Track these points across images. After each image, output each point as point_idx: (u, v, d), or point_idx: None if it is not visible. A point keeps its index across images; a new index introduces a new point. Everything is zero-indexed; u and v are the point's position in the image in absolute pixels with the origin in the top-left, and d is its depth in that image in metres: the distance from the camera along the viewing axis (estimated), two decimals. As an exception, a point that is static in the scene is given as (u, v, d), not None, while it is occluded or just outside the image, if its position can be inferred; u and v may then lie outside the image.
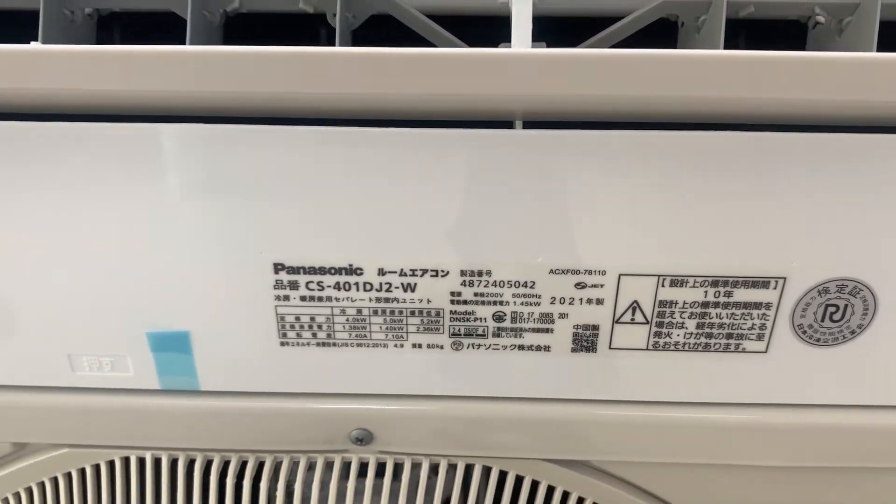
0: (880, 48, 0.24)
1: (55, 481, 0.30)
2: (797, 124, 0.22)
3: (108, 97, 0.20)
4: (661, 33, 0.26)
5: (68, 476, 0.30)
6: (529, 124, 0.23)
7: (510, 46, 0.24)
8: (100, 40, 0.27)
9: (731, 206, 0.23)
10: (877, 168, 0.22)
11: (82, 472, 0.29)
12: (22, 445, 0.29)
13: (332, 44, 0.24)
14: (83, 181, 0.23)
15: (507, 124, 0.23)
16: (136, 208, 0.24)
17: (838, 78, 0.19)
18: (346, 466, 0.28)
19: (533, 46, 0.24)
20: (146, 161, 0.22)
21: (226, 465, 0.29)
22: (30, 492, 0.30)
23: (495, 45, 0.25)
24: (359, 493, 0.28)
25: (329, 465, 0.28)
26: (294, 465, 0.28)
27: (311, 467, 0.28)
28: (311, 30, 0.27)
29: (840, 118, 0.21)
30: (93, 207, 0.24)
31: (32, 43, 0.22)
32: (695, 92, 0.20)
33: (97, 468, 0.29)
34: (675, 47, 0.26)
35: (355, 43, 0.25)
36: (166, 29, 0.25)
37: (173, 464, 0.29)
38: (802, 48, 0.26)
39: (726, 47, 0.24)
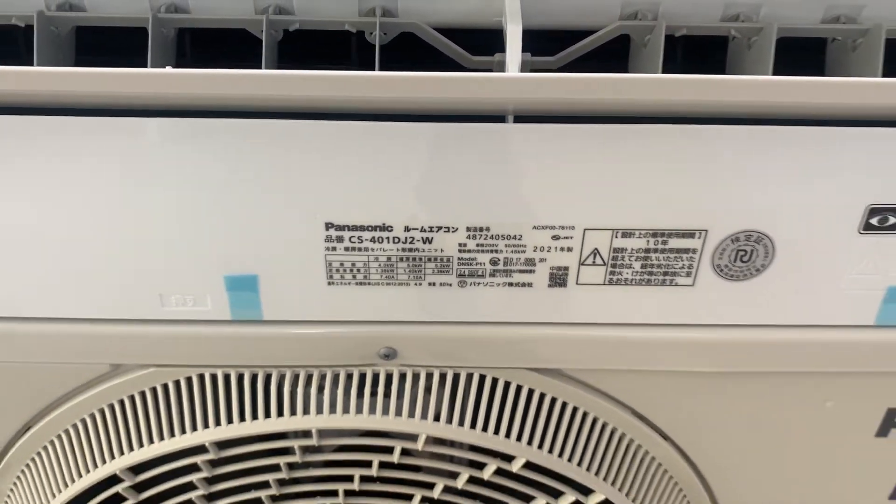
0: (781, 59, 0.32)
1: (143, 395, 0.38)
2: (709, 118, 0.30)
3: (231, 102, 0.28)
4: (621, 47, 0.34)
5: (153, 390, 0.37)
6: (517, 119, 0.30)
7: (504, 56, 0.31)
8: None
9: (665, 179, 0.31)
10: (768, 151, 0.30)
11: (165, 386, 0.37)
12: (117, 366, 0.37)
13: (367, 55, 0.31)
14: (182, 162, 0.30)
15: (501, 118, 0.31)
16: (223, 182, 0.31)
17: (726, 92, 0.27)
18: (375, 377, 0.37)
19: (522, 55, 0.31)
20: (239, 153, 0.30)
21: (282, 378, 0.37)
22: (122, 403, 0.38)
23: (495, 52, 0.32)
24: (386, 398, 0.37)
25: (362, 377, 0.37)
26: (335, 377, 0.37)
27: (349, 378, 0.37)
28: (344, 43, 0.34)
29: (737, 114, 0.29)
30: (188, 180, 0.31)
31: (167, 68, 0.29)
32: (625, 97, 0.28)
33: (177, 384, 0.37)
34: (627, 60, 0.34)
35: (383, 52, 0.32)
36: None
37: (240, 378, 0.37)
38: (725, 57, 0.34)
39: (667, 58, 0.31)
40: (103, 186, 0.31)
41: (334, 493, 0.40)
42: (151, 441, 0.37)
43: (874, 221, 0.33)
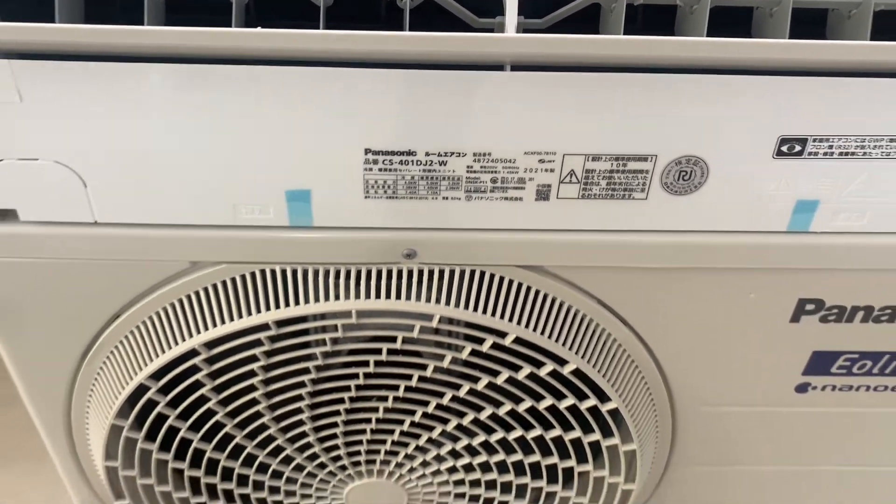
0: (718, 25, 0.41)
1: (215, 286, 0.47)
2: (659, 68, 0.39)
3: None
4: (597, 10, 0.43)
5: (224, 283, 0.47)
6: (514, 68, 0.40)
7: (504, 19, 0.40)
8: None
9: (625, 115, 0.41)
10: (701, 96, 0.40)
11: (233, 280, 0.47)
12: (195, 263, 0.47)
13: (395, 15, 0.40)
14: (258, 104, 0.40)
15: (500, 67, 0.40)
16: (287, 118, 0.40)
17: (657, 48, 0.37)
18: (399, 272, 0.47)
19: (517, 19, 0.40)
20: (301, 96, 0.39)
21: (327, 272, 0.47)
22: (198, 294, 0.48)
23: (496, 14, 0.41)
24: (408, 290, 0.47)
25: (389, 272, 0.47)
26: (368, 272, 0.47)
27: (379, 272, 0.47)
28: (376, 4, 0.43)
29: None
30: (261, 118, 0.40)
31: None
32: (591, 52, 0.37)
33: (244, 277, 0.47)
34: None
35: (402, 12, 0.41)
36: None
37: (294, 273, 0.47)
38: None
39: (631, 21, 0.41)
40: (199, 123, 0.40)
41: (356, 377, 0.50)
42: (223, 322, 0.47)
43: (784, 149, 0.43)
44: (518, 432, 0.53)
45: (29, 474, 0.98)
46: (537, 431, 0.53)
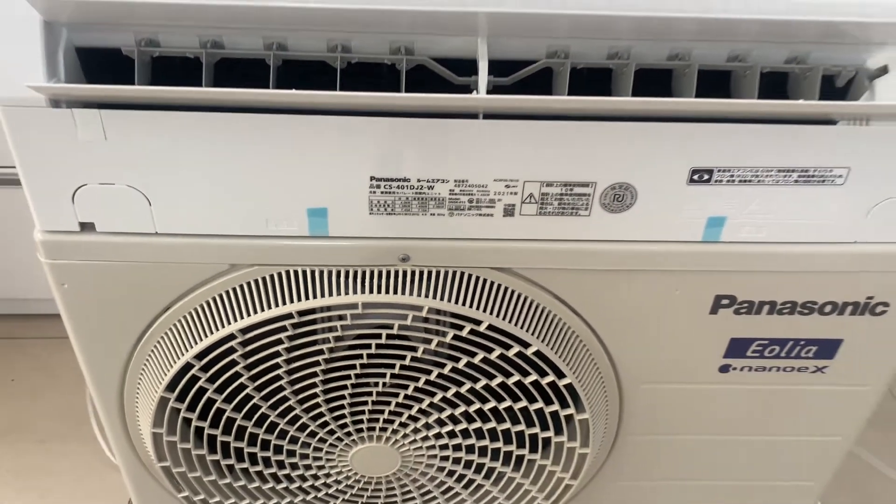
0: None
1: (249, 284, 0.59)
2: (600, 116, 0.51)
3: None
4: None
5: (256, 281, 0.59)
6: (485, 116, 0.52)
7: (478, 78, 0.52)
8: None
9: (570, 152, 0.53)
10: (627, 139, 0.52)
11: (264, 278, 0.59)
12: (234, 265, 0.59)
13: (396, 79, 0.52)
14: (289, 144, 0.51)
15: (474, 116, 0.52)
16: (309, 154, 0.52)
17: (578, 104, 0.49)
18: (396, 273, 0.59)
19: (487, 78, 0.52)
20: (321, 138, 0.51)
21: (338, 273, 0.58)
22: (235, 290, 0.59)
23: (473, 74, 0.53)
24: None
25: (388, 273, 0.59)
26: (371, 273, 0.59)
27: (380, 273, 0.59)
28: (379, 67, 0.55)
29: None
30: (289, 153, 0.52)
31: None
32: (541, 107, 0.49)
33: (272, 276, 0.59)
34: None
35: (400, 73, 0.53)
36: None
37: (312, 273, 0.58)
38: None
39: (577, 81, 0.53)
40: (240, 157, 0.52)
41: (360, 357, 0.62)
42: (255, 312, 0.59)
43: (695, 177, 0.55)
44: (492, 404, 0.65)
45: (57, 455, 1.10)
46: (507, 403, 0.65)
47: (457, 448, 0.70)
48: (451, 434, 0.69)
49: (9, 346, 1.22)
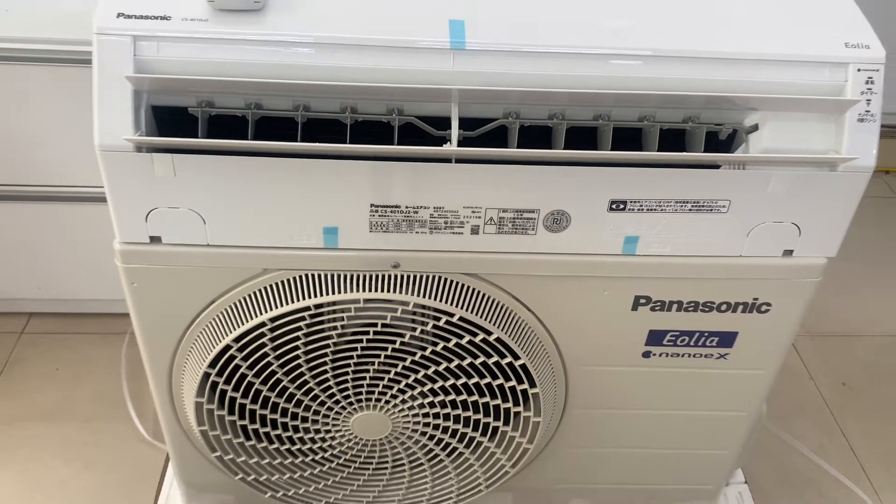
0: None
1: (278, 284, 0.76)
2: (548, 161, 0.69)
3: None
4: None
5: (283, 282, 0.76)
6: (457, 161, 0.69)
7: (451, 133, 0.69)
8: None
9: (520, 187, 0.70)
10: (562, 178, 0.70)
11: (289, 280, 0.76)
12: (266, 269, 0.76)
13: (391, 132, 0.69)
14: (310, 181, 0.69)
15: (449, 160, 0.69)
16: (324, 189, 0.69)
17: (514, 154, 0.67)
18: (389, 276, 0.76)
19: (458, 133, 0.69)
20: (333, 177, 0.69)
21: (345, 276, 0.76)
22: (266, 289, 0.76)
23: (448, 128, 0.70)
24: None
25: (383, 276, 0.76)
26: (370, 276, 0.76)
27: (375, 276, 0.76)
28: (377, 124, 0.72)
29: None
30: (309, 188, 0.69)
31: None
32: (495, 156, 0.67)
33: (296, 278, 0.76)
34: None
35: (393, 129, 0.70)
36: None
37: (323, 276, 0.76)
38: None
39: (531, 136, 0.70)
40: (274, 190, 0.69)
41: (360, 341, 0.79)
42: (281, 305, 0.76)
43: (613, 206, 0.73)
44: (464, 380, 0.83)
45: (97, 432, 1.26)
46: (476, 380, 0.82)
47: (436, 416, 0.88)
48: (432, 405, 0.86)
49: (54, 341, 1.39)
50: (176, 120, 0.69)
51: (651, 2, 0.73)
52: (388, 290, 0.76)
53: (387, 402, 0.86)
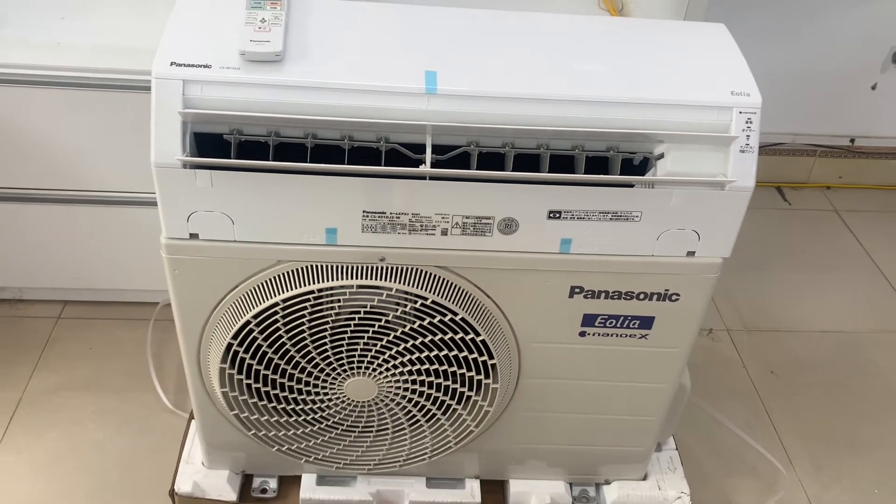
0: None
1: (290, 272, 0.94)
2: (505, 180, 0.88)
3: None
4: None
5: (293, 270, 0.94)
6: (431, 178, 0.88)
7: (425, 156, 0.88)
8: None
9: (482, 198, 0.90)
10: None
11: (298, 269, 0.95)
12: (280, 261, 0.94)
13: (379, 155, 0.88)
14: (314, 195, 0.88)
15: (423, 178, 0.88)
16: (325, 201, 0.89)
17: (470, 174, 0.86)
18: (377, 267, 0.95)
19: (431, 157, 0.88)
20: (331, 192, 0.88)
21: (342, 266, 0.95)
22: (279, 276, 0.95)
23: (423, 152, 0.89)
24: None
25: (372, 267, 0.95)
26: (360, 267, 0.95)
27: (365, 267, 0.95)
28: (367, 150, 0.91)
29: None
30: (315, 200, 0.89)
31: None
32: (459, 177, 0.86)
33: (304, 268, 0.95)
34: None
35: (380, 153, 0.89)
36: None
37: (327, 266, 0.95)
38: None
39: (489, 161, 0.89)
40: (288, 199, 0.88)
41: (353, 319, 0.98)
42: (291, 289, 0.95)
43: (552, 215, 0.92)
44: (436, 352, 1.02)
45: (127, 401, 1.45)
46: (445, 352, 1.02)
47: (414, 382, 1.07)
48: (410, 373, 1.05)
49: (87, 325, 1.57)
50: (213, 143, 0.88)
51: (583, 57, 0.93)
52: (376, 279, 0.95)
53: (374, 369, 1.05)
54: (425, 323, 0.98)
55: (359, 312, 0.98)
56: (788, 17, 2.04)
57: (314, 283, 0.95)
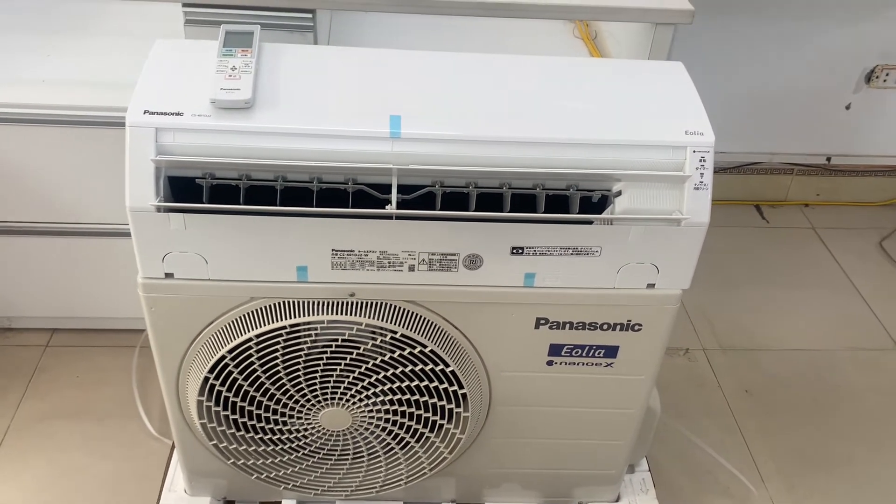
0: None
1: (261, 309, 0.97)
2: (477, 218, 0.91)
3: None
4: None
5: (265, 307, 0.97)
6: (397, 218, 0.91)
7: (391, 196, 0.91)
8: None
9: (450, 235, 0.92)
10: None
11: (270, 305, 0.97)
12: (253, 297, 0.97)
13: (347, 197, 0.91)
14: (284, 232, 0.91)
15: (390, 217, 0.91)
16: (297, 238, 0.91)
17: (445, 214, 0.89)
18: (347, 303, 0.98)
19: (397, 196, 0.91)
20: (306, 233, 0.91)
21: (313, 302, 0.97)
22: (252, 312, 0.98)
23: (389, 192, 0.92)
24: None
25: (342, 303, 0.98)
26: (330, 302, 0.98)
27: (337, 303, 0.98)
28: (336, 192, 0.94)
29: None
30: (288, 238, 0.91)
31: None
32: (427, 216, 0.89)
33: (276, 305, 0.97)
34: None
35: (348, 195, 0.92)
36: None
37: (298, 302, 0.97)
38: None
39: (455, 201, 0.92)
40: (257, 240, 0.91)
41: (326, 353, 1.01)
42: (264, 325, 0.98)
43: (514, 251, 0.95)
44: (407, 382, 1.04)
45: (112, 428, 1.47)
46: (416, 383, 1.04)
47: (387, 412, 1.09)
48: (383, 403, 1.08)
49: (74, 352, 1.60)
50: (187, 185, 0.91)
51: (543, 99, 0.96)
52: (347, 314, 0.98)
53: (347, 400, 1.07)
54: (395, 356, 1.01)
55: (331, 346, 1.00)
56: (765, 40, 2.08)
57: (286, 318, 0.97)
